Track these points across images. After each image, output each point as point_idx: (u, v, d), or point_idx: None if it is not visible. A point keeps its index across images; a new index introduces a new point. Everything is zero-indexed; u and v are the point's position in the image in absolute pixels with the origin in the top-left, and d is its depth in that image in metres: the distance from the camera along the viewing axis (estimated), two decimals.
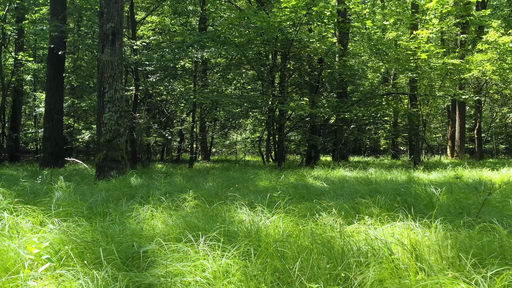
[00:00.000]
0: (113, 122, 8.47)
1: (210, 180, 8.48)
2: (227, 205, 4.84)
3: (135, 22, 16.72)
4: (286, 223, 3.94)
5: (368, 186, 7.86)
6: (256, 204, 5.17)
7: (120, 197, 5.85)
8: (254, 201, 5.35)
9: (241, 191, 6.58)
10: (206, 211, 4.68)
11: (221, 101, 12.89)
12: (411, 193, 6.61)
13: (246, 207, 4.26)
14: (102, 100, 8.52)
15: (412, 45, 12.23)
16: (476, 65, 14.17)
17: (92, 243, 2.97)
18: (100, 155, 8.50)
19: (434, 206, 5.81)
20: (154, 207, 4.71)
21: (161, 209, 4.58)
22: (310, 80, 16.68)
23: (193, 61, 16.64)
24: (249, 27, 14.15)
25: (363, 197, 5.95)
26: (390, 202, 5.54)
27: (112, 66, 8.53)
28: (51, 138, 14.63)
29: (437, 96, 12.76)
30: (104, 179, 8.12)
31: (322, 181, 8.31)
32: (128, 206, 4.99)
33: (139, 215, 4.10)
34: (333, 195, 6.35)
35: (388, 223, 4.01)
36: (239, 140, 31.73)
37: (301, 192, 6.53)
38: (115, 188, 6.73)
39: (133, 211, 4.51)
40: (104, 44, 8.57)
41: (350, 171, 10.63)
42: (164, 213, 4.59)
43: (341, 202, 5.42)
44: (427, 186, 7.04)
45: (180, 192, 6.15)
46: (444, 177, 9.52)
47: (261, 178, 8.61)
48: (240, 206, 4.40)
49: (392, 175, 9.56)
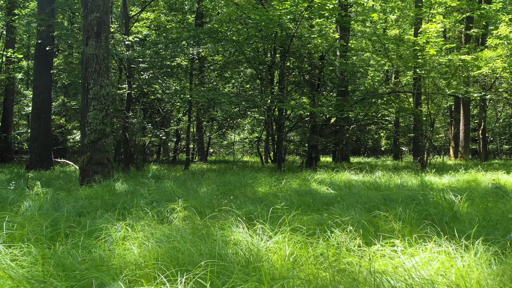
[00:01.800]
0: (98, 121, 7.72)
1: (205, 185, 7.74)
2: (222, 219, 4.11)
3: (128, 17, 15.97)
4: (293, 244, 3.21)
5: (379, 191, 7.14)
6: (255, 218, 4.44)
7: (99, 207, 5.11)
8: (253, 213, 4.62)
9: (238, 199, 5.84)
10: (195, 226, 3.94)
11: (217, 100, 12.15)
12: (429, 201, 5.90)
13: (243, 223, 3.52)
14: (86, 97, 7.77)
15: (420, 40, 11.52)
16: (485, 62, 13.47)
17: (38, 283, 2.23)
18: (84, 157, 7.75)
19: (458, 217, 5.10)
20: (136, 222, 3.97)
21: (142, 224, 3.84)
22: (310, 79, 15.97)
23: (189, 58, 15.90)
24: (248, 23, 13.42)
25: (378, 206, 5.23)
26: (409, 212, 4.82)
27: (97, 60, 7.79)
28: (38, 138, 13.85)
29: (447, 94, 12.05)
30: (87, 184, 7.38)
31: (327, 186, 7.59)
32: (105, 219, 4.25)
33: (112, 235, 3.35)
34: (342, 203, 5.62)
35: (417, 243, 3.29)
36: (237, 141, 31.01)
37: (306, 200, 5.80)
38: (96, 195, 5.98)
39: (109, 227, 3.77)
40: (89, 36, 7.82)
41: (356, 174, 9.90)
42: (145, 229, 3.85)
43: (353, 213, 4.70)
44: (445, 192, 6.32)
45: (168, 201, 5.41)
46: (458, 181, 8.81)
47: (260, 182, 7.88)
48: (236, 222, 3.66)
49: (401, 179, 8.84)
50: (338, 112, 13.20)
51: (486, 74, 14.52)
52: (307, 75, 16.15)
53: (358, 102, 14.00)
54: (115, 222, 4.13)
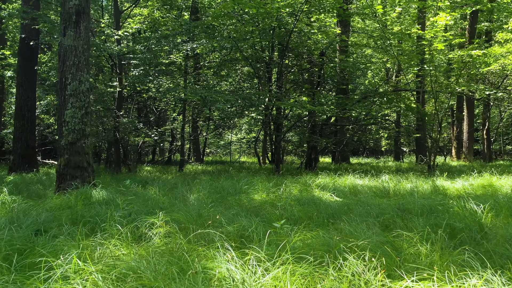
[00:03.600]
0: (77, 120, 6.95)
1: (195, 191, 6.98)
2: (207, 241, 3.36)
3: (119, 12, 15.17)
4: (296, 280, 2.46)
5: (389, 199, 6.39)
6: (249, 237, 3.69)
7: (67, 221, 4.34)
8: (247, 230, 3.86)
9: (231, 209, 5.08)
10: (174, 251, 3.18)
11: (212, 98, 11.38)
12: (449, 212, 5.16)
13: (232, 251, 2.76)
14: (64, 94, 6.99)
15: (428, 35, 10.79)
16: (494, 59, 12.76)
17: None
18: (60, 160, 6.98)
19: (487, 232, 4.36)
20: (106, 241, 3.21)
21: (113, 244, 3.08)
22: (309, 77, 15.21)
23: (183, 55, 15.13)
24: (244, 18, 12.65)
25: (393, 220, 4.48)
26: (431, 226, 4.08)
27: (76, 53, 7.01)
28: (22, 138, 13.04)
29: (457, 92, 11.31)
30: (63, 190, 6.60)
31: (331, 193, 6.84)
32: (66, 238, 3.49)
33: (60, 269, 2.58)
34: (350, 215, 4.88)
35: (456, 277, 2.55)
36: (234, 141, 30.25)
37: (309, 210, 5.05)
38: (67, 205, 5.21)
39: (66, 250, 3.02)
40: (66, 26, 7.04)
41: (361, 178, 9.16)
42: (112, 253, 3.09)
43: (365, 228, 3.94)
44: (465, 200, 5.58)
45: (149, 213, 4.66)
46: (472, 186, 8.07)
47: (257, 188, 7.12)
48: (224, 248, 2.90)
49: (411, 184, 8.10)
50: (340, 111, 12.45)
51: (495, 71, 13.80)
52: (306, 73, 15.40)
53: (361, 100, 13.25)
54: (77, 242, 3.37)
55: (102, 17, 19.42)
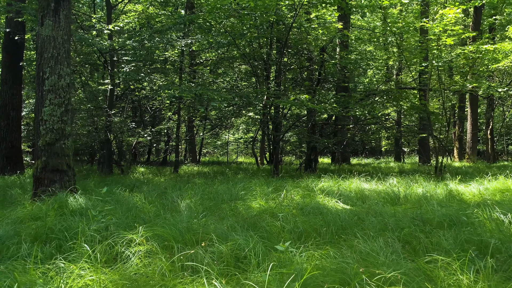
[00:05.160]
0: (56, 118, 6.28)
1: (187, 197, 6.32)
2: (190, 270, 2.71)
3: (110, 6, 14.47)
4: None
5: (402, 207, 5.76)
6: (245, 260, 3.05)
7: (30, 236, 3.68)
8: (243, 249, 3.21)
9: (225, 221, 4.43)
10: (155, 275, 2.53)
11: (207, 96, 10.72)
12: (474, 223, 4.53)
13: None
14: (41, 89, 6.33)
15: (436, 29, 10.17)
16: (504, 55, 12.14)
17: None
18: (38, 163, 6.31)
19: None
20: (72, 263, 2.56)
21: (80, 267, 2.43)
22: (309, 74, 14.56)
23: (179, 51, 14.45)
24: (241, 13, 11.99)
25: (415, 235, 3.84)
26: (462, 244, 3.45)
27: (55, 44, 6.35)
28: (7, 139, 12.33)
29: (467, 89, 10.70)
30: (38, 196, 5.93)
31: (337, 199, 6.20)
32: (21, 260, 2.84)
33: None
34: (362, 226, 4.24)
35: None
36: (232, 141, 29.59)
37: (314, 222, 4.40)
38: (37, 215, 4.54)
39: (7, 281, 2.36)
40: (44, 14, 6.38)
41: (366, 181, 8.51)
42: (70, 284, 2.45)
43: (383, 247, 3.31)
44: (490, 208, 4.95)
45: (130, 227, 4.00)
46: (488, 191, 7.45)
47: (255, 194, 6.46)
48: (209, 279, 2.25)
49: (422, 188, 7.46)
50: (343, 110, 11.80)
51: (503, 68, 13.21)
52: (306, 71, 14.75)
53: (364, 98, 12.62)
54: (34, 267, 2.71)
55: (94, 12, 18.70)
